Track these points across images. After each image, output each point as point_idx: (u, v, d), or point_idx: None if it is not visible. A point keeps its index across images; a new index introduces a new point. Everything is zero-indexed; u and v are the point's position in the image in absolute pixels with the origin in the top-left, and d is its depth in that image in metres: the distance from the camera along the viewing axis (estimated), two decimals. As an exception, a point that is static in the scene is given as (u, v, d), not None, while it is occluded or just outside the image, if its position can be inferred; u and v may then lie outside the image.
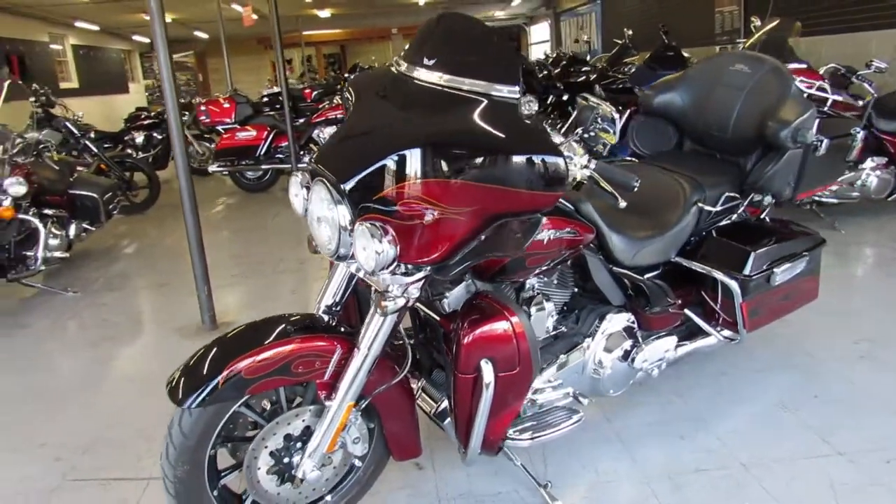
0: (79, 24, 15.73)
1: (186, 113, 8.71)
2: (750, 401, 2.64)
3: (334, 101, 8.19)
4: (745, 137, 2.51)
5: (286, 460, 1.86)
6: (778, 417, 2.51)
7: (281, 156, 7.90)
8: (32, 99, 7.19)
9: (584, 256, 2.21)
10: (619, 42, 7.89)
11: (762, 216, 2.71)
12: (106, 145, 9.09)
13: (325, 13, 18.19)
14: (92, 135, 7.55)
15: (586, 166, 1.71)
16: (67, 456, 2.55)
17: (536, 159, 1.61)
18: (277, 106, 9.68)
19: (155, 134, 9.26)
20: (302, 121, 8.11)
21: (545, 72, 8.32)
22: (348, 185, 1.63)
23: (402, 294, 1.71)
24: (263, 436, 1.82)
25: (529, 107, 1.89)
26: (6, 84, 4.86)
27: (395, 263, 1.62)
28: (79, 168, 5.54)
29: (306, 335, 1.80)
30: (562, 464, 2.32)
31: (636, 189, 1.74)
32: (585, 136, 1.83)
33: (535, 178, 1.62)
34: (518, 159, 1.60)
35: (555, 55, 8.29)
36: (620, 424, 2.53)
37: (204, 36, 20.23)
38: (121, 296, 4.60)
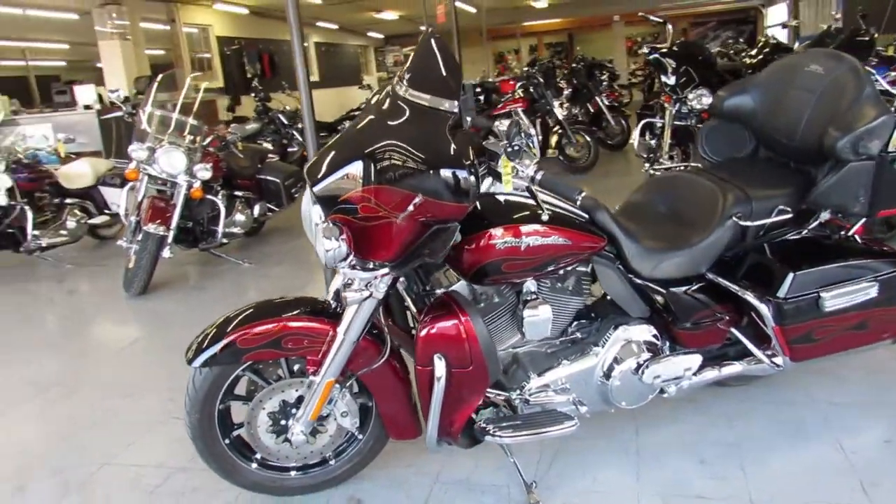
0: (320, 23, 17.58)
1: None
2: (804, 436, 2.41)
3: (516, 93, 8.36)
4: (811, 146, 2.29)
5: (282, 422, 2.14)
6: (826, 458, 2.27)
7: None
8: (253, 94, 8.33)
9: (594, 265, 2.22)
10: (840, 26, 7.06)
11: (849, 233, 2.44)
12: (322, 134, 10.21)
13: (541, 3, 18.31)
14: (299, 125, 8.53)
15: (532, 177, 1.76)
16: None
17: (446, 171, 1.70)
18: (475, 98, 10.11)
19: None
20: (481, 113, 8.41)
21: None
22: (317, 188, 1.86)
23: (366, 287, 1.90)
24: (261, 398, 2.13)
25: (475, 121, 2.00)
26: (202, 86, 5.72)
27: (348, 259, 1.82)
28: (270, 156, 6.37)
29: (300, 316, 2.06)
30: (566, 467, 2.34)
31: (578, 202, 1.76)
32: (508, 149, 1.85)
33: (442, 189, 1.72)
34: (430, 170, 1.71)
35: (762, 41, 7.60)
36: (647, 439, 2.46)
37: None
38: (285, 269, 5.26)
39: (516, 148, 1.80)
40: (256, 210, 5.82)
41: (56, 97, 10.66)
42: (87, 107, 8.43)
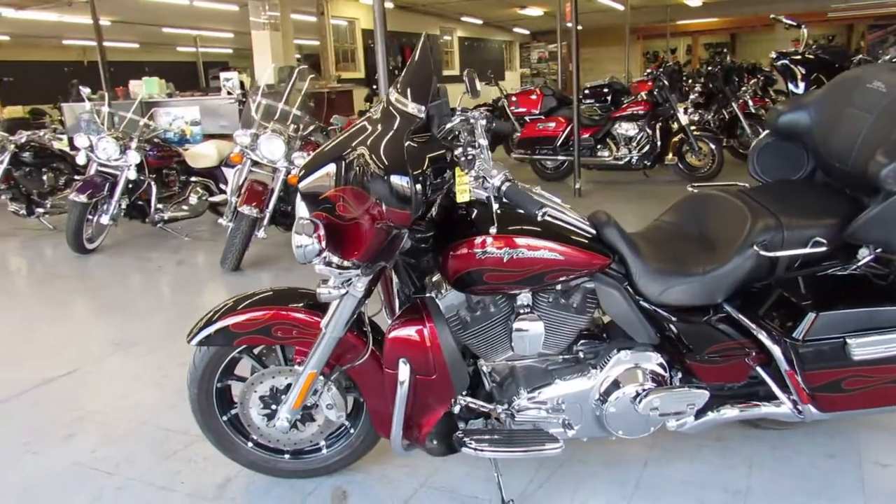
0: (465, 18, 17.80)
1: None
2: (829, 496, 2.16)
3: (639, 97, 8.03)
4: (863, 172, 2.03)
5: (273, 407, 2.23)
6: (845, 522, 2.03)
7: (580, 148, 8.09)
8: (373, 86, 8.60)
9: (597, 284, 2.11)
10: None
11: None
12: (447, 128, 10.36)
13: (695, 1, 17.40)
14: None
15: (498, 188, 1.71)
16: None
17: (392, 177, 1.68)
18: (601, 99, 9.84)
19: (487, 120, 10.21)
20: (600, 115, 8.17)
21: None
22: (301, 185, 1.91)
23: (343, 285, 1.93)
24: (253, 381, 2.22)
25: (497, 127, 1.95)
26: (308, 77, 5.98)
27: (322, 256, 1.86)
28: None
29: (295, 307, 2.13)
30: (556, 490, 2.25)
31: (539, 218, 1.69)
32: (461, 160, 1.78)
33: (387, 194, 1.70)
34: (380, 174, 1.69)
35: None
36: (653, 473, 2.32)
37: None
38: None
39: (469, 158, 1.75)
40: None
41: (212, 82, 11.61)
42: (228, 93, 9.10)
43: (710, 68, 9.20)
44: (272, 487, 2.34)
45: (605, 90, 9.79)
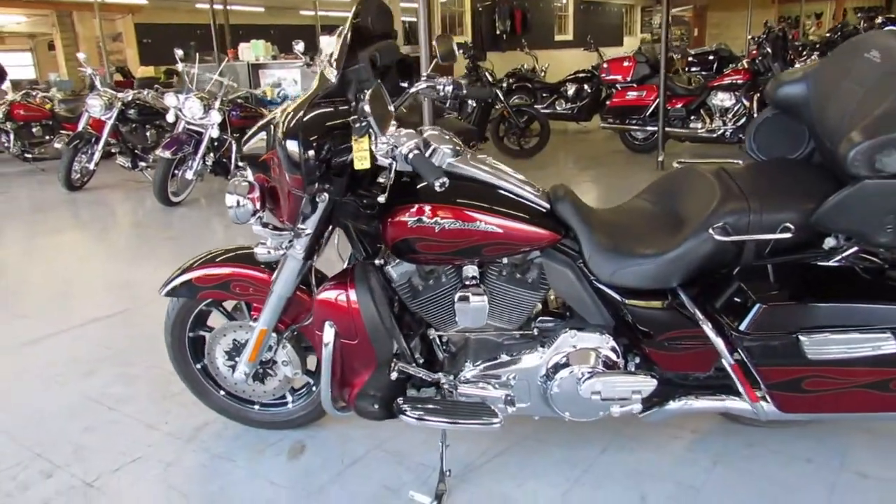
0: (581, -20, 17.21)
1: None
2: (790, 502, 2.00)
3: (739, 65, 7.50)
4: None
5: (236, 359, 2.33)
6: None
7: (670, 118, 7.69)
8: (462, 51, 8.52)
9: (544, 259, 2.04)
10: None
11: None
12: (543, 94, 10.20)
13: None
14: (504, 85, 8.59)
15: (405, 156, 1.68)
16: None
17: (287, 141, 1.68)
18: (707, 66, 9.30)
19: (586, 87, 9.92)
20: (694, 85, 7.71)
21: None
22: (244, 147, 1.97)
23: (280, 247, 1.98)
24: (216, 334, 2.33)
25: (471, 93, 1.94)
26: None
27: (256, 217, 1.92)
28: (445, 114, 6.54)
29: (251, 266, 2.21)
30: (504, 466, 2.23)
31: (438, 189, 1.64)
32: (355, 126, 1.73)
33: (284, 159, 1.70)
34: (279, 138, 1.71)
35: None
36: (608, 459, 2.23)
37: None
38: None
39: (362, 124, 1.71)
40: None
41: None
42: (298, 58, 9.32)
43: (829, 35, 8.41)
44: (241, 435, 2.47)
45: (711, 57, 9.22)
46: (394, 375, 2.09)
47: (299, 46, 6.51)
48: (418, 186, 1.98)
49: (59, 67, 17.35)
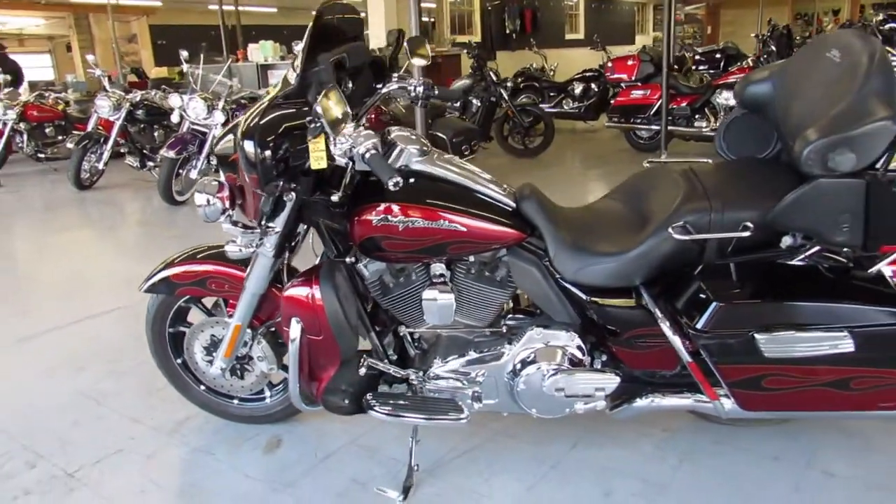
0: (593, -21, 17.17)
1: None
2: (754, 500, 2.01)
3: (744, 63, 7.46)
4: (799, 152, 1.83)
5: (213, 354, 2.39)
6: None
7: (674, 117, 7.67)
8: (466, 52, 8.56)
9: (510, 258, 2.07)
10: None
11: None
12: (551, 93, 10.20)
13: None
14: (509, 84, 8.59)
15: (362, 156, 1.72)
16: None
17: (245, 141, 1.73)
18: (715, 65, 9.25)
19: (593, 86, 9.90)
20: (699, 84, 7.68)
21: None
22: (216, 148, 2.02)
23: (250, 245, 2.03)
24: (194, 330, 2.39)
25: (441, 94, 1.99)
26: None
27: (226, 215, 1.97)
28: (447, 113, 6.58)
29: (226, 263, 2.25)
30: (473, 461, 2.26)
31: (392, 188, 1.68)
32: (311, 126, 1.76)
33: (242, 159, 1.74)
34: (238, 138, 1.75)
35: None
36: (578, 455, 2.26)
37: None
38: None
39: (317, 125, 1.75)
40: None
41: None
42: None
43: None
44: (222, 429, 2.52)
45: (718, 55, 9.17)
46: (362, 371, 2.13)
47: (299, 47, 6.58)
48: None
49: (76, 69, 17.60)
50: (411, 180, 2.01)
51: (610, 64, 8.45)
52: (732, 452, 2.22)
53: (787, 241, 1.84)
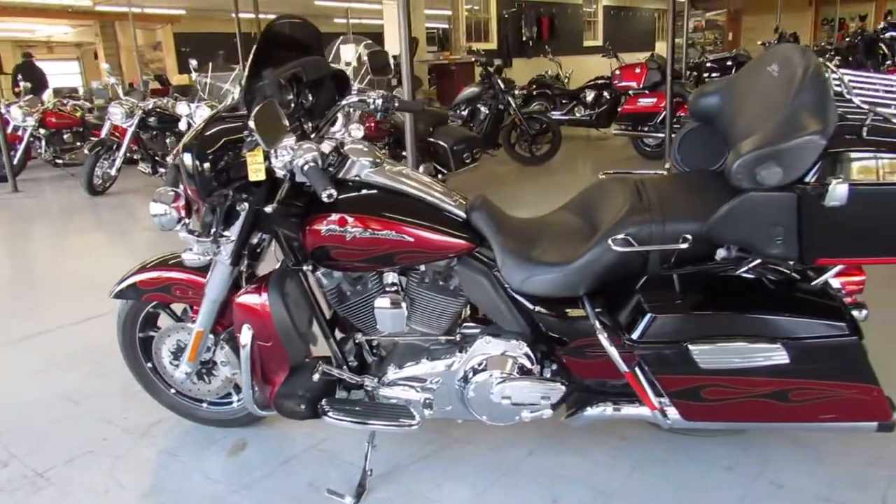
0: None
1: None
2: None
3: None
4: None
5: (180, 358, 2.45)
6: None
7: (681, 125, 7.64)
8: (474, 59, 8.61)
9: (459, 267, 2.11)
10: None
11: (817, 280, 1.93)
12: (563, 101, 10.20)
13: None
14: (516, 91, 8.61)
15: (301, 167, 1.77)
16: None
17: (184, 153, 1.79)
18: (726, 72, 9.18)
19: (605, 94, 9.89)
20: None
21: None
22: (177, 159, 2.09)
23: (206, 253, 2.09)
24: (161, 335, 2.46)
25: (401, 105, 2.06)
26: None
27: (181, 224, 2.04)
28: (451, 121, 6.63)
29: (190, 270, 2.32)
30: (427, 467, 2.30)
31: (326, 200, 1.73)
32: (248, 139, 1.82)
33: (183, 171, 1.81)
34: (180, 150, 1.81)
35: None
36: (531, 463, 2.29)
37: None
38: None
39: (252, 138, 1.80)
40: (420, 171, 6.14)
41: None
42: (347, 63, 9.52)
43: (848, 38, 8.24)
44: (192, 432, 2.59)
45: (730, 63, 9.12)
46: (316, 377, 2.18)
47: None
48: (344, 197, 2.07)
49: (102, 76, 18.00)
50: (364, 191, 2.07)
51: (618, 72, 8.43)
52: (685, 462, 2.23)
53: (721, 253, 1.86)
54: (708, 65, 9.38)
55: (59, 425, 2.68)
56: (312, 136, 2.28)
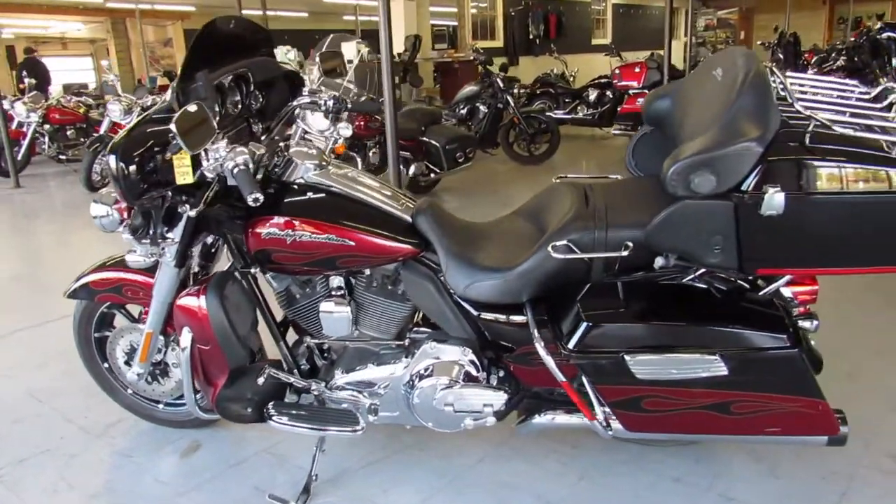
0: (621, -16, 17.00)
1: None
2: (643, 520, 1.99)
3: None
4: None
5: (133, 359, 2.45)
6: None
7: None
8: (473, 57, 8.56)
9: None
10: None
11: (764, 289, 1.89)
12: (567, 100, 10.14)
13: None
14: (516, 90, 8.56)
15: (231, 170, 1.76)
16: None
17: (109, 156, 1.77)
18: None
19: (607, 93, 9.81)
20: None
21: None
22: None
23: (149, 255, 2.08)
24: (115, 336, 2.46)
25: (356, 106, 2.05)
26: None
27: (123, 226, 2.03)
28: (445, 120, 6.60)
29: (140, 271, 2.31)
30: (376, 473, 2.28)
31: (252, 204, 1.71)
32: (173, 141, 1.80)
33: (110, 174, 1.79)
34: (106, 153, 1.79)
35: None
36: (481, 470, 2.27)
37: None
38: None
39: (173, 141, 1.78)
40: (412, 170, 6.13)
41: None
42: (349, 61, 9.51)
43: (853, 39, 8.11)
44: (149, 433, 2.58)
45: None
46: (261, 380, 2.16)
47: (290, 54, 6.64)
48: (286, 200, 2.05)
49: (101, 73, 18.13)
50: (308, 195, 2.05)
51: (618, 71, 8.36)
52: (635, 472, 2.19)
53: (659, 261, 1.81)
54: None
55: (23, 424, 2.69)
56: (263, 137, 2.27)
